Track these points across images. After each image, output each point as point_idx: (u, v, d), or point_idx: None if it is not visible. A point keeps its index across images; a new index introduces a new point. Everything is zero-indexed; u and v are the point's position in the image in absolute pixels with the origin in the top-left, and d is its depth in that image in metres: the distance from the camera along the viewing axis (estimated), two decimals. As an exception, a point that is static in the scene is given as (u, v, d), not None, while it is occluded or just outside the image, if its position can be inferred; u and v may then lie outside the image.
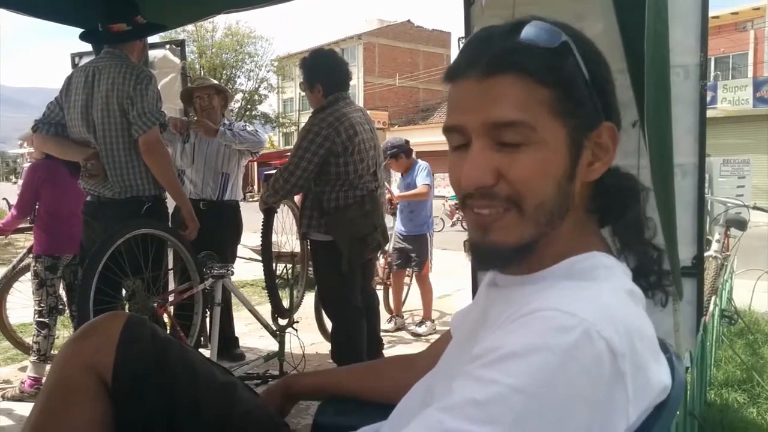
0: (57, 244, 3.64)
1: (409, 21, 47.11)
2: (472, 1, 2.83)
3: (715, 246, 4.90)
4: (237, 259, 4.30)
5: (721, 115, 19.40)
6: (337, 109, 3.15)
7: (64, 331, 4.11)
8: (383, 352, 3.70)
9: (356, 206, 3.18)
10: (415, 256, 5.09)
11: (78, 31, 3.24)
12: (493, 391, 0.69)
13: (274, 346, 3.76)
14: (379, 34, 44.72)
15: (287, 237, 4.07)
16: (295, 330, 3.71)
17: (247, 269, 6.39)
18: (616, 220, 0.94)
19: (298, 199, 3.58)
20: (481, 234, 0.86)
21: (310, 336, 4.33)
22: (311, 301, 4.33)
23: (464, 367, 0.77)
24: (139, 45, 3.12)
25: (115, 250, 2.70)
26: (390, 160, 4.92)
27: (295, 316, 3.78)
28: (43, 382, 1.23)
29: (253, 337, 4.74)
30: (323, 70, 3.26)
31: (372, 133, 3.34)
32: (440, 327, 5.16)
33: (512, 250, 0.85)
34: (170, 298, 3.17)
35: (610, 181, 0.92)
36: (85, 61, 3.58)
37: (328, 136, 3.07)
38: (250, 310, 3.63)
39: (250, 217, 4.66)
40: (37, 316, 3.59)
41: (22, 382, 3.51)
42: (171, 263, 3.37)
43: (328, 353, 3.50)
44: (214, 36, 36.08)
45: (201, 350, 3.07)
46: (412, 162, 5.14)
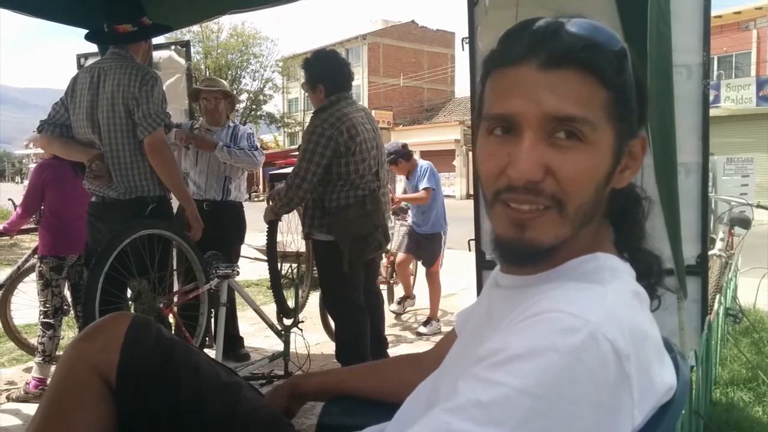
0: (62, 245, 3.64)
1: (413, 21, 47.05)
2: (476, 2, 2.84)
3: (719, 244, 4.88)
4: (242, 259, 4.30)
5: (725, 114, 19.40)
6: (338, 110, 3.16)
7: (69, 332, 4.13)
8: (388, 352, 3.70)
9: (357, 206, 3.19)
10: (427, 252, 5.15)
11: (83, 32, 3.25)
12: (498, 393, 0.69)
13: (279, 346, 3.76)
14: (383, 34, 44.70)
15: (293, 237, 4.07)
16: (300, 330, 3.71)
17: (252, 269, 6.39)
18: (620, 225, 0.94)
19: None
20: (518, 231, 0.83)
21: (315, 336, 4.33)
22: (316, 301, 4.33)
23: (470, 368, 0.76)
24: (144, 46, 3.13)
25: (121, 251, 2.70)
26: (390, 166, 4.94)
27: (300, 316, 3.78)
28: (48, 382, 1.23)
29: (258, 337, 4.75)
30: (325, 71, 3.26)
31: (374, 132, 3.34)
32: (444, 327, 5.15)
33: (546, 250, 0.84)
34: (176, 299, 3.17)
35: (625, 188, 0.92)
36: (91, 61, 3.60)
37: (331, 137, 3.08)
38: (255, 310, 3.63)
39: (256, 216, 4.66)
40: (42, 316, 3.58)
41: (27, 383, 3.52)
42: (176, 263, 3.38)
43: (333, 353, 3.50)
44: (220, 37, 36.15)
45: (206, 350, 3.08)
46: (413, 164, 5.17)
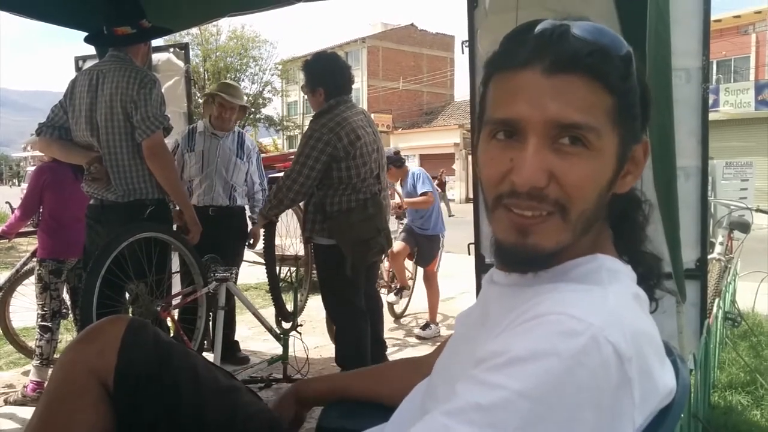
0: (61, 248, 3.64)
1: (412, 25, 47.10)
2: (476, 5, 2.83)
3: (718, 248, 4.89)
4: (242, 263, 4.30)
5: (724, 118, 19.42)
6: (338, 114, 3.15)
7: (68, 335, 4.12)
8: (387, 355, 3.69)
9: (359, 210, 3.18)
10: (424, 251, 5.19)
11: (82, 35, 3.26)
12: (499, 396, 0.69)
13: (277, 349, 3.75)
14: (383, 37, 44.73)
15: (291, 240, 4.07)
16: (299, 333, 3.70)
17: (250, 272, 6.39)
18: (621, 229, 0.94)
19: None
20: (520, 236, 0.82)
21: (314, 339, 4.33)
22: (315, 305, 4.32)
23: (469, 370, 0.75)
24: (143, 48, 3.13)
25: (119, 254, 2.69)
26: None
27: (299, 320, 3.78)
28: (45, 386, 1.23)
29: (256, 340, 4.74)
30: (325, 74, 3.25)
31: (375, 135, 3.33)
32: (444, 330, 5.15)
33: (548, 255, 0.83)
34: (174, 302, 3.16)
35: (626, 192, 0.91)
36: (90, 64, 3.59)
37: (329, 142, 3.07)
38: (254, 314, 3.63)
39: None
40: (40, 320, 3.58)
41: (25, 386, 3.51)
42: (175, 266, 3.37)
43: (332, 356, 3.49)
44: (219, 39, 36.17)
45: (205, 354, 3.07)
46: (405, 171, 5.18)
